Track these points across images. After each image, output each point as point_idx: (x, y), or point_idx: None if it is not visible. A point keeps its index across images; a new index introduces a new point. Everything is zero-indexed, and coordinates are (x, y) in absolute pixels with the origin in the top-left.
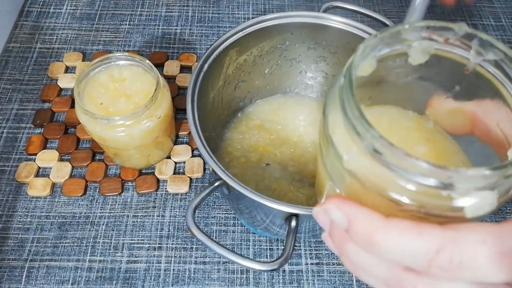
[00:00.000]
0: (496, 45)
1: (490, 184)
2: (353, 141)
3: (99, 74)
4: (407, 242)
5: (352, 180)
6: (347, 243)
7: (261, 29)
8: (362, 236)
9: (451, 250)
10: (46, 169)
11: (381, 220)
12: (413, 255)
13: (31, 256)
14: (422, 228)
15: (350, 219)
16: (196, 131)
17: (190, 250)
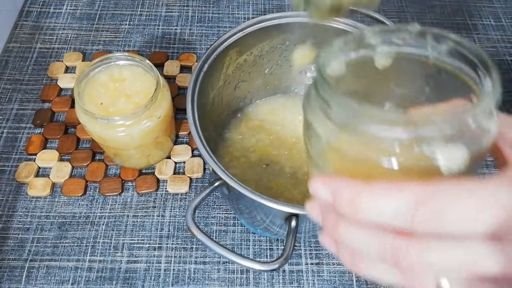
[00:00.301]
0: (448, 36)
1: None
2: (328, 118)
3: (99, 74)
4: (388, 200)
5: (333, 155)
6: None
7: (261, 29)
8: (347, 203)
9: (431, 202)
10: (46, 169)
11: (363, 184)
12: (396, 212)
13: (31, 256)
14: (401, 185)
15: (334, 191)
16: (196, 131)
17: (190, 250)
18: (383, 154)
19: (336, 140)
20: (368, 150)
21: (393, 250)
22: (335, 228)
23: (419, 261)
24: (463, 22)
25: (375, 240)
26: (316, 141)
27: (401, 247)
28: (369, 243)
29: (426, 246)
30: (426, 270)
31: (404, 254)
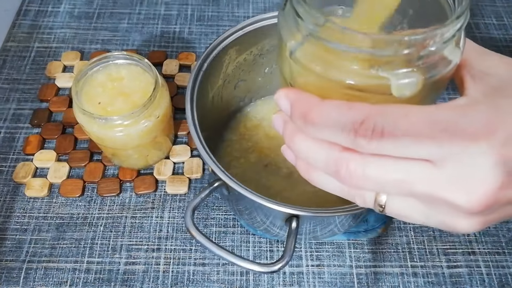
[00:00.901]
0: None
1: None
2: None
3: (97, 74)
4: (336, 115)
5: (296, 68)
6: (295, 134)
7: (261, 28)
8: (300, 115)
9: (375, 119)
10: (43, 170)
11: (317, 100)
12: (342, 127)
13: (29, 257)
14: (352, 104)
15: (292, 103)
16: (195, 131)
17: (189, 251)
18: (340, 71)
19: (299, 51)
20: (327, 65)
21: (336, 162)
22: (292, 138)
23: (356, 174)
24: None
25: (322, 152)
26: (283, 51)
27: (342, 160)
28: (317, 154)
29: (365, 161)
30: (364, 183)
31: (345, 167)
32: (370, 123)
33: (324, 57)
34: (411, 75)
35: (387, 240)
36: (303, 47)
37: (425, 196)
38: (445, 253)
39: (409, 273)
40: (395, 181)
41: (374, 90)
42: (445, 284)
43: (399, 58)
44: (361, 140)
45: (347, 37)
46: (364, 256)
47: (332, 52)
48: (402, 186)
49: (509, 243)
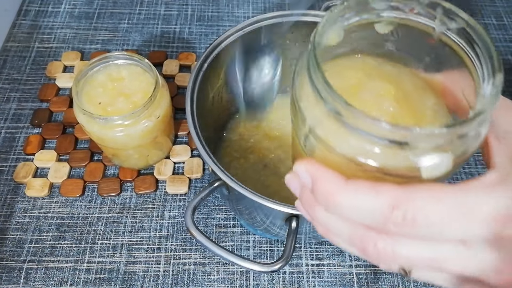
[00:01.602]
0: (459, 14)
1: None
2: (317, 104)
3: (97, 74)
4: (364, 200)
5: (317, 144)
6: (315, 205)
7: (261, 28)
8: (324, 196)
9: (405, 207)
10: (44, 170)
11: (342, 181)
12: (370, 212)
13: (29, 257)
14: (379, 187)
15: (314, 179)
16: (195, 131)
17: (190, 251)
18: (366, 152)
19: (321, 128)
20: (352, 146)
21: (361, 239)
22: (311, 207)
23: (384, 252)
24: None
25: (346, 229)
26: (301, 122)
27: (369, 238)
28: (341, 229)
29: (394, 241)
30: (393, 261)
31: (372, 245)
32: (401, 211)
33: (348, 139)
34: (443, 158)
35: None
36: (324, 124)
37: (455, 273)
38: None
39: None
40: (425, 259)
41: (402, 173)
42: None
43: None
44: (392, 227)
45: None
46: None
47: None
48: (432, 264)
49: None
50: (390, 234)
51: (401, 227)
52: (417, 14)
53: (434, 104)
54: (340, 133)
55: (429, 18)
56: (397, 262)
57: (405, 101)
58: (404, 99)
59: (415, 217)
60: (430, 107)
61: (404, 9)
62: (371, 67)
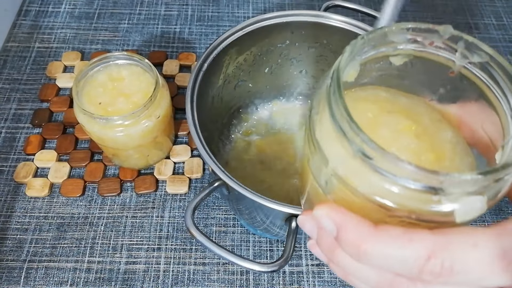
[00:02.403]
0: (482, 48)
1: (480, 188)
2: (341, 145)
3: (97, 74)
4: (397, 249)
5: (340, 186)
6: (336, 250)
7: (261, 28)
8: (352, 245)
9: (442, 255)
10: (44, 169)
11: (371, 228)
12: (404, 262)
13: (30, 257)
14: (412, 235)
15: (339, 227)
16: (195, 131)
17: (190, 251)
18: (396, 198)
19: (345, 170)
20: (381, 193)
21: (391, 285)
22: (332, 252)
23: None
24: (464, 21)
25: (374, 276)
26: (322, 162)
27: (400, 285)
28: (367, 276)
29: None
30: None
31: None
32: (438, 261)
33: (377, 182)
34: (477, 201)
35: None
36: (350, 165)
37: None
38: None
39: None
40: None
41: (434, 219)
42: None
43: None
44: (427, 276)
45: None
46: None
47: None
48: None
49: None
50: (425, 282)
51: (438, 276)
52: (436, 47)
53: (452, 137)
54: (368, 176)
55: (449, 52)
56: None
57: (425, 136)
58: (423, 133)
59: (453, 266)
60: (449, 140)
61: (424, 42)
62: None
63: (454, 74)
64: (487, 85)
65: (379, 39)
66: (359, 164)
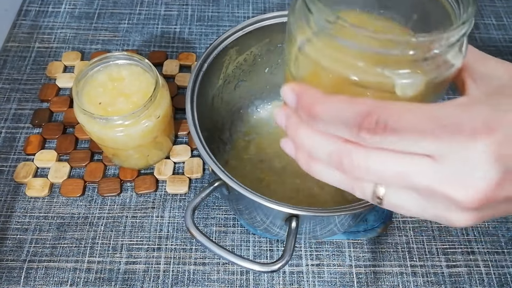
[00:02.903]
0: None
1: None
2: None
3: (97, 74)
4: (341, 108)
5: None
6: (298, 127)
7: (261, 28)
8: (305, 108)
9: (378, 113)
10: (44, 169)
11: (322, 95)
12: (346, 119)
13: (30, 257)
14: (356, 98)
15: (298, 97)
16: (195, 131)
17: (190, 251)
18: (347, 67)
19: (308, 46)
20: (334, 61)
21: (338, 153)
22: (295, 131)
23: (358, 165)
24: None
25: (325, 143)
26: (292, 46)
27: (345, 151)
28: (320, 145)
29: (368, 153)
30: (366, 175)
31: (347, 158)
32: (374, 117)
33: (333, 53)
34: (415, 76)
35: (386, 239)
36: (312, 42)
37: (424, 189)
38: (444, 252)
39: (409, 272)
40: (395, 174)
41: (378, 87)
42: (444, 283)
43: (405, 59)
44: (365, 134)
45: (356, 35)
46: (364, 256)
47: (340, 49)
48: (402, 179)
49: (508, 243)
50: (364, 146)
51: (373, 133)
52: None
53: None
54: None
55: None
56: (369, 178)
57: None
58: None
59: (387, 124)
60: None
61: None
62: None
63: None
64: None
65: None
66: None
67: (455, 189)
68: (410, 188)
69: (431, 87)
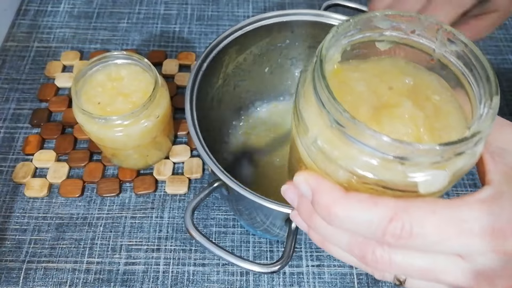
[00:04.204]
0: (459, 37)
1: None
2: (320, 115)
3: (96, 73)
4: (363, 212)
5: (318, 154)
6: (313, 215)
7: (261, 28)
8: (324, 207)
9: (403, 218)
10: (43, 170)
11: (341, 193)
12: (369, 224)
13: (29, 258)
14: (378, 199)
15: (314, 191)
16: (195, 131)
17: (189, 251)
18: (366, 165)
19: (323, 140)
20: (353, 160)
21: (360, 247)
22: (310, 217)
23: (382, 261)
24: None
25: (345, 239)
26: (304, 132)
27: (368, 246)
28: (339, 239)
29: (391, 253)
30: (390, 269)
31: (370, 252)
32: (399, 223)
33: (350, 151)
34: (439, 174)
35: None
36: (328, 135)
37: (451, 284)
38: None
39: None
40: (421, 270)
41: (400, 187)
42: None
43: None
44: (390, 238)
45: (378, 141)
46: None
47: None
48: (428, 275)
49: None
50: (389, 245)
51: (399, 238)
52: (418, 35)
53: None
54: (341, 145)
55: (430, 40)
56: (393, 270)
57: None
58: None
59: (412, 228)
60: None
61: (406, 30)
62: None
63: (434, 62)
64: (462, 72)
65: (365, 23)
66: (334, 133)
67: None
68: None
69: (454, 178)
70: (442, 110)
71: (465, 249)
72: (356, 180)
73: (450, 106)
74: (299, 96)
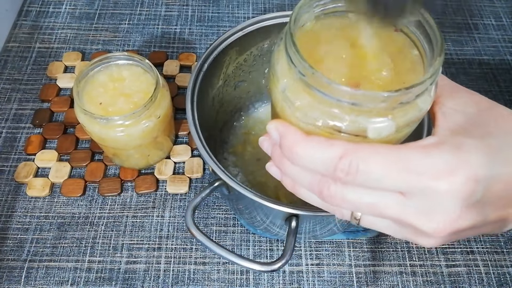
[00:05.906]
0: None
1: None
2: (289, 69)
3: (98, 74)
4: (320, 151)
5: (285, 103)
6: (283, 159)
7: (261, 29)
8: (288, 148)
9: (351, 156)
10: (45, 169)
11: (303, 135)
12: (324, 161)
13: (30, 257)
14: (333, 141)
15: (281, 135)
16: (195, 131)
17: (190, 250)
18: (323, 113)
19: (290, 89)
20: (312, 107)
21: (318, 184)
22: (280, 161)
23: (335, 196)
24: (464, 21)
25: (306, 175)
26: (275, 84)
27: (324, 183)
28: (302, 176)
29: (343, 187)
30: (342, 204)
31: (326, 189)
32: (347, 161)
33: (311, 100)
34: (386, 121)
35: (386, 239)
36: (293, 86)
37: (394, 219)
38: (443, 252)
39: (408, 272)
40: (368, 205)
41: (353, 132)
42: (443, 283)
43: (376, 109)
44: (340, 174)
45: (332, 88)
46: (363, 255)
47: (318, 97)
48: (374, 210)
49: (507, 243)
50: (340, 181)
51: (347, 173)
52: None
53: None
54: (305, 94)
55: None
56: (346, 205)
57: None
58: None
59: (358, 166)
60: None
61: None
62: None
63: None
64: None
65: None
66: (299, 84)
67: (421, 221)
68: (382, 217)
69: (401, 127)
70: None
71: (404, 186)
72: (316, 126)
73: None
74: (274, 52)
